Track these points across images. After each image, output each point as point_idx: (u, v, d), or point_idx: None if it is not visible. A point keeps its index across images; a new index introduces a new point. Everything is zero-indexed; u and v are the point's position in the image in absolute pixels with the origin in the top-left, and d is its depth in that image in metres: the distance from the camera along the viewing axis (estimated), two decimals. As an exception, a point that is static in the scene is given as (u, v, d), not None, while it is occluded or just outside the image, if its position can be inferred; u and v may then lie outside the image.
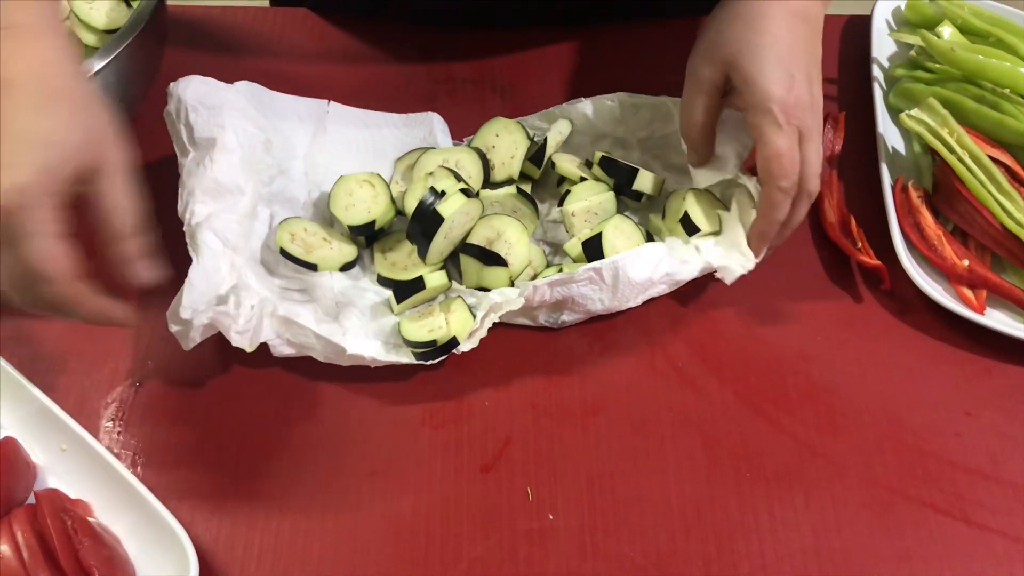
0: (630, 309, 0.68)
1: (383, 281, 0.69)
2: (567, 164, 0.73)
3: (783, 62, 0.61)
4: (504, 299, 0.63)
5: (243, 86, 0.72)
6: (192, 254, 0.62)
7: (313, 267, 0.67)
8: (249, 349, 0.61)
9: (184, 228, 0.63)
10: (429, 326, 0.63)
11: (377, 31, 0.85)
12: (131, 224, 0.52)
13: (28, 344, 0.65)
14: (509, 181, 0.73)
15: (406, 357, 0.63)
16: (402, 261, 0.69)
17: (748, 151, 0.69)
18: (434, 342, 0.62)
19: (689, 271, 0.66)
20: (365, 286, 0.69)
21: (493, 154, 0.73)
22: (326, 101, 0.76)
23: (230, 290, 0.61)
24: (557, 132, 0.74)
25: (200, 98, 0.67)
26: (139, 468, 0.61)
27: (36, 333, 0.66)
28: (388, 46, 0.84)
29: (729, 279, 0.65)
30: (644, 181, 0.71)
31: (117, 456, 0.60)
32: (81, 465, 0.58)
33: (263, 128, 0.70)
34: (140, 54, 0.68)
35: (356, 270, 0.70)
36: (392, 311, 0.67)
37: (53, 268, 0.49)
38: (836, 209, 0.73)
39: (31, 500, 0.58)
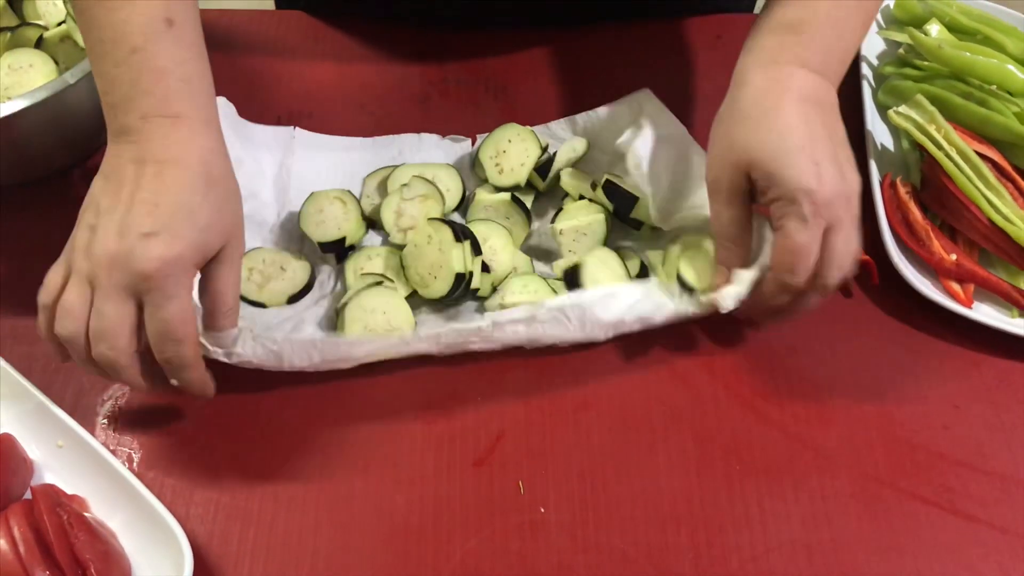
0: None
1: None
2: (572, 181, 0.73)
3: (805, 151, 0.58)
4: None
5: (222, 101, 0.72)
6: None
7: (262, 306, 0.68)
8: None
9: None
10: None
11: (371, 32, 0.85)
12: (226, 310, 0.58)
13: (25, 342, 0.66)
14: (515, 187, 0.74)
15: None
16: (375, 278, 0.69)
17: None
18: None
19: (664, 315, 0.64)
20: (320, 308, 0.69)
21: (503, 159, 0.74)
22: (292, 128, 0.76)
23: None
24: (571, 148, 0.75)
25: None
26: (134, 464, 0.62)
27: (33, 331, 0.66)
28: (382, 47, 0.85)
29: (722, 306, 0.62)
30: (642, 211, 0.70)
31: (113, 452, 0.60)
32: (77, 461, 0.59)
33: (232, 144, 0.71)
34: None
35: (307, 300, 0.69)
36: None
37: (185, 331, 0.55)
38: (825, 205, 0.74)
39: (28, 496, 0.58)
